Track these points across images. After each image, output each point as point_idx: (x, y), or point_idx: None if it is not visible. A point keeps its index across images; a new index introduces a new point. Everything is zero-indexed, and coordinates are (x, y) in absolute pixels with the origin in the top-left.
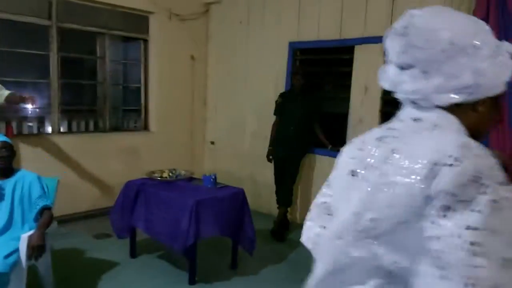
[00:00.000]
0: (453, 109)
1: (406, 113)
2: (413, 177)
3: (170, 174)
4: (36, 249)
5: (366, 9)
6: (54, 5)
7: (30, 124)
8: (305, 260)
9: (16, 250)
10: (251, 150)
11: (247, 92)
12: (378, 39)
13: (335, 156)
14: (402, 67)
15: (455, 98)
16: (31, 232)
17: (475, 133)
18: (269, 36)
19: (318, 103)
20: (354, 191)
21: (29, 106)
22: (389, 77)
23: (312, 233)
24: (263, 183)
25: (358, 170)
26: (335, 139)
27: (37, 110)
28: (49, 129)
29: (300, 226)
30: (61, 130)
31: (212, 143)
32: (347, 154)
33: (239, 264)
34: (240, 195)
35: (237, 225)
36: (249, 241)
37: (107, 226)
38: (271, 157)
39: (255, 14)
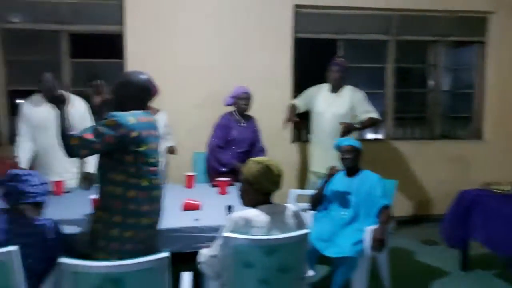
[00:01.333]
0: None
1: None
2: None
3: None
4: (378, 242)
5: None
6: (394, 20)
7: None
8: None
9: (361, 240)
10: None
11: None
12: None
13: None
14: None
15: None
16: (373, 226)
17: None
18: None
19: None
20: None
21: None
22: None
23: None
24: None
25: None
26: None
27: None
28: (382, 135)
29: None
30: (394, 136)
31: None
32: None
33: None
34: None
35: None
36: None
37: (432, 233)
38: None
39: None
